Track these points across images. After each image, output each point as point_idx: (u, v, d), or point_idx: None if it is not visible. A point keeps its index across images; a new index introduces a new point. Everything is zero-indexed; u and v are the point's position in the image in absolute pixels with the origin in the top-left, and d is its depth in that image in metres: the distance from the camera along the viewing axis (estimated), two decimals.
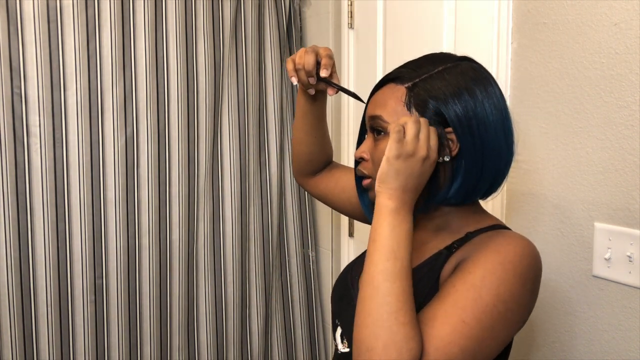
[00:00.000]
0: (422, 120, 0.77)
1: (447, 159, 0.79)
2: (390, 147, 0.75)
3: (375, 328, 0.69)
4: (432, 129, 0.77)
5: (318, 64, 0.97)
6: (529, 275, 0.76)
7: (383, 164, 0.75)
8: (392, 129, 0.75)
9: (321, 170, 1.17)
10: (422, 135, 0.75)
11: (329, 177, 1.15)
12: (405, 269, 0.73)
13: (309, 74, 0.97)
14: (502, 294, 0.72)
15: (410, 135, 0.75)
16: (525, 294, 0.75)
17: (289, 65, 0.98)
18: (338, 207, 1.16)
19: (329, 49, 0.98)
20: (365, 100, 0.90)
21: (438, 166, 0.79)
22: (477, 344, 0.70)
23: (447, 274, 0.78)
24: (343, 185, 1.12)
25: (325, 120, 1.12)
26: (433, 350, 0.69)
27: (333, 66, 0.98)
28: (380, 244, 0.73)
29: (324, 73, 0.95)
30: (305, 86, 1.01)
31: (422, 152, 0.75)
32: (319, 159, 1.15)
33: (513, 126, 0.83)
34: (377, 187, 0.76)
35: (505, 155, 0.82)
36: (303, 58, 0.96)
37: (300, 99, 1.07)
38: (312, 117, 1.08)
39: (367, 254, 0.75)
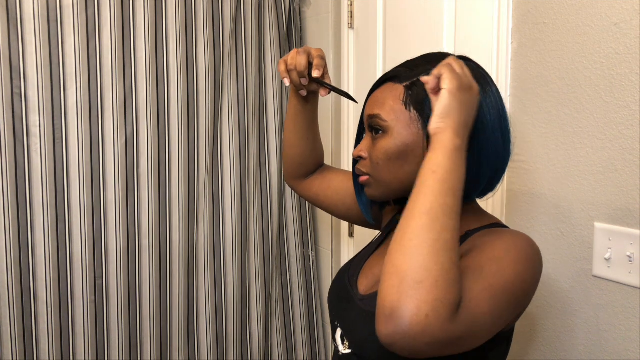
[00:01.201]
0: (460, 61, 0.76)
1: None
2: (449, 79, 0.71)
3: (428, 261, 0.63)
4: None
5: (310, 65, 0.97)
6: (536, 264, 0.77)
7: (444, 97, 0.70)
8: (440, 67, 0.73)
9: (313, 173, 1.16)
10: (459, 68, 0.73)
11: (322, 179, 1.15)
12: (459, 207, 0.68)
13: (301, 75, 0.97)
14: (520, 272, 0.73)
15: (460, 68, 0.73)
16: (533, 281, 0.76)
17: (281, 67, 0.98)
18: (331, 209, 1.16)
19: (321, 50, 0.98)
20: (358, 100, 0.90)
21: None
22: (500, 310, 0.70)
23: None
24: (336, 186, 1.11)
25: (317, 123, 1.11)
26: (468, 300, 0.66)
27: (325, 67, 0.98)
28: (442, 177, 0.67)
29: (316, 73, 0.95)
30: (297, 87, 1.01)
31: (475, 85, 0.74)
32: (310, 162, 1.14)
33: (510, 126, 0.83)
34: (439, 122, 0.70)
35: (503, 154, 0.82)
36: (295, 59, 0.96)
37: (291, 101, 1.07)
38: (303, 119, 1.08)
39: (421, 184, 0.68)
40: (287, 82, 0.98)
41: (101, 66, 1.48)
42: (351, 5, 1.65)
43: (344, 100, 1.68)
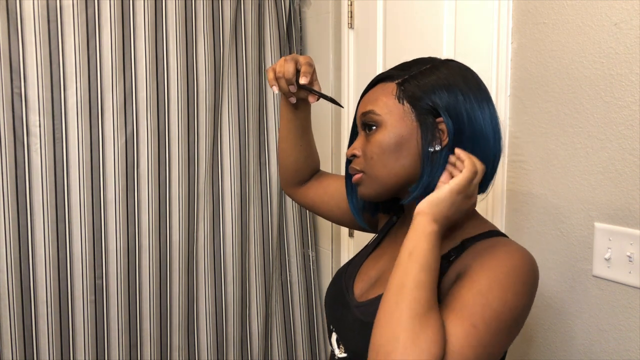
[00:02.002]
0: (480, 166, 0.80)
1: (437, 148, 0.80)
2: (459, 183, 0.76)
3: (398, 330, 0.68)
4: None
5: (298, 72, 0.98)
6: (531, 283, 0.77)
7: (444, 193, 0.76)
8: (469, 166, 0.77)
9: (309, 180, 1.16)
10: (477, 181, 0.79)
11: (318, 185, 1.14)
12: (435, 282, 0.73)
13: (289, 82, 0.97)
14: (509, 301, 0.73)
15: (477, 180, 0.79)
16: (527, 302, 0.77)
17: (270, 75, 0.98)
18: (328, 215, 1.15)
19: (309, 57, 0.99)
20: (344, 105, 0.90)
21: (429, 156, 0.81)
22: (486, 349, 0.71)
23: (447, 286, 0.79)
24: (332, 191, 1.11)
25: (310, 129, 1.11)
26: (450, 352, 0.68)
27: (313, 73, 0.98)
28: (418, 255, 0.73)
29: (303, 80, 0.95)
30: (286, 95, 1.01)
31: (476, 196, 0.81)
32: (305, 169, 1.14)
33: (499, 122, 0.85)
34: (426, 207, 0.76)
35: (493, 148, 0.83)
36: (283, 66, 0.96)
37: (283, 109, 1.07)
38: (295, 126, 1.07)
39: (398, 263, 0.74)
40: (275, 89, 0.98)
41: (101, 66, 1.48)
42: (351, 5, 1.65)
43: (344, 101, 1.68)
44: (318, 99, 0.99)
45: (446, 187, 0.76)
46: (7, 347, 1.44)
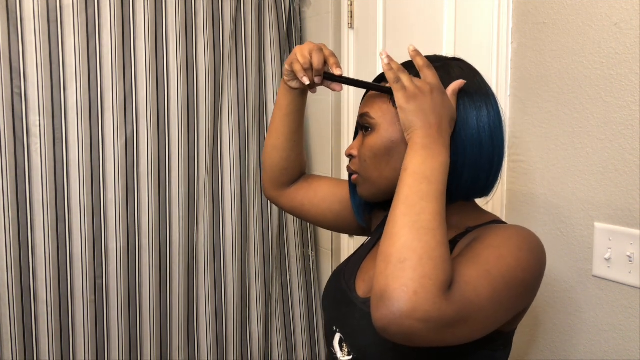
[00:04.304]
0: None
1: None
2: (396, 98, 0.77)
3: (411, 240, 0.67)
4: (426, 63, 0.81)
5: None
6: (538, 254, 0.77)
7: (400, 115, 0.77)
8: (391, 83, 0.79)
9: (296, 181, 1.12)
10: (406, 77, 0.79)
11: (307, 187, 1.10)
12: (440, 193, 0.72)
13: (317, 73, 0.93)
14: (522, 260, 0.73)
15: (406, 79, 0.78)
16: (536, 270, 0.76)
17: (297, 66, 0.93)
18: (318, 219, 1.11)
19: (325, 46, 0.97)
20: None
21: None
22: (500, 297, 0.70)
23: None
24: (323, 194, 1.08)
25: (303, 125, 1.08)
26: (463, 283, 0.67)
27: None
28: (412, 171, 0.73)
29: (338, 71, 0.93)
30: (309, 86, 0.97)
31: (425, 87, 0.77)
32: (296, 167, 1.10)
33: (503, 123, 0.83)
34: (406, 136, 0.77)
35: (489, 152, 0.81)
36: (310, 57, 0.93)
37: (283, 100, 1.03)
38: (294, 119, 1.04)
39: (399, 181, 0.74)
40: (307, 80, 0.93)
41: (101, 66, 1.48)
42: (351, 5, 1.65)
43: (344, 100, 1.68)
44: (342, 89, 0.98)
45: (401, 108, 0.77)
46: (7, 347, 1.44)
